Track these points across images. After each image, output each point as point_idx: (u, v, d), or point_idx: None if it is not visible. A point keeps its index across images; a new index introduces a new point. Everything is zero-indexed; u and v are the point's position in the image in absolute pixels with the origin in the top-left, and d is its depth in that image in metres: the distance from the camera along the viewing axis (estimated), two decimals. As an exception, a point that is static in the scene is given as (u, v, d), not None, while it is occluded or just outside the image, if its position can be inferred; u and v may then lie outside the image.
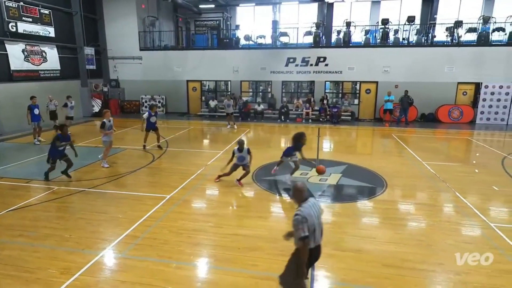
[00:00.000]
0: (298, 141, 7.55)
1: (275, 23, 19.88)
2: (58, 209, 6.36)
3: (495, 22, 16.70)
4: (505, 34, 16.27)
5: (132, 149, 10.83)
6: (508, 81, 15.67)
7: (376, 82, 17.31)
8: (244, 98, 18.57)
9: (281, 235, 5.23)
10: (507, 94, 15.72)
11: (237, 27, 20.55)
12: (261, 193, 7.26)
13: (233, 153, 7.59)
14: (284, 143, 13.43)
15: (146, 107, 19.74)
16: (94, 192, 7.17)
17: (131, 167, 8.88)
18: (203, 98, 19.73)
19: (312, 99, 17.66)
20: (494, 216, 6.16)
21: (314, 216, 3.16)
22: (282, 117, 17.19)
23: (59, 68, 16.56)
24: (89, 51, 18.29)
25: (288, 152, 7.76)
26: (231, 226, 5.65)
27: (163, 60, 19.35)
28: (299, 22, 21.84)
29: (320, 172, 7.15)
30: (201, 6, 22.85)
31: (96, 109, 18.49)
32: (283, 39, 18.76)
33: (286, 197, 7.04)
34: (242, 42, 19.38)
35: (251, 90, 19.87)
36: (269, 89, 18.99)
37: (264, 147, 11.80)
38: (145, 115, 10.47)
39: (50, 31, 15.77)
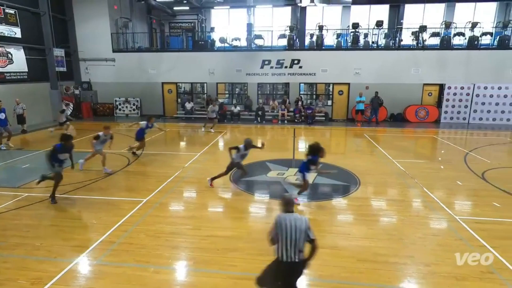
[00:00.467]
0: (316, 153, 6.54)
1: (249, 26, 19.93)
2: (28, 217, 6.04)
3: (455, 27, 17.63)
4: (465, 38, 17.21)
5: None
6: (468, 82, 16.56)
7: (348, 84, 17.76)
8: (220, 100, 18.49)
9: (260, 235, 5.29)
10: (467, 94, 16.61)
11: (212, 29, 20.45)
12: (238, 193, 7.24)
13: (237, 149, 7.18)
14: (261, 144, 13.47)
15: (120, 110, 19.22)
16: (66, 198, 6.87)
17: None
18: (179, 100, 19.44)
19: (287, 101, 17.86)
20: (459, 209, 6.49)
21: (288, 228, 3.19)
22: (259, 118, 17.27)
23: (27, 70, 15.76)
24: (59, 52, 17.54)
25: (305, 168, 6.56)
26: (209, 228, 5.60)
27: (137, 62, 18.89)
28: (273, 25, 22.05)
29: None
30: (175, 8, 22.53)
31: (68, 112, 17.72)
32: (258, 42, 18.86)
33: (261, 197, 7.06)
34: (218, 44, 19.30)
35: (227, 92, 19.82)
36: (245, 91, 19.02)
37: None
38: (143, 124, 10.09)
39: (16, 32, 14.99)
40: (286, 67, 17.91)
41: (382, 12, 21.86)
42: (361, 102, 16.49)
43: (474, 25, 17.02)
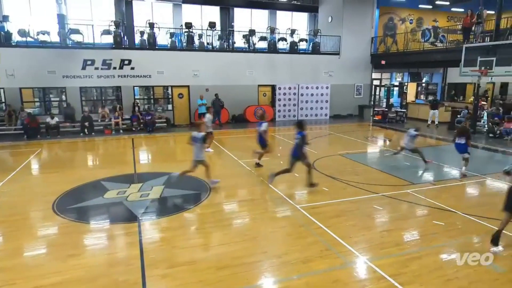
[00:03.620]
0: (467, 133, 9.05)
1: (61, 17, 17.61)
2: None
3: (279, 33, 20.86)
4: (287, 43, 20.60)
5: None
6: (294, 83, 19.91)
7: (188, 86, 18.24)
8: (28, 110, 15.54)
9: (104, 269, 4.76)
10: (294, 94, 19.95)
11: (6, 18, 16.90)
12: (67, 225, 6.29)
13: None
14: (93, 160, 12.21)
15: None
16: None
17: None
18: (-42, 113, 15.18)
19: (118, 107, 16.70)
20: (298, 199, 7.74)
21: None
22: (86, 130, 15.46)
23: None
24: None
25: (467, 148, 9.02)
26: (29, 279, 4.61)
27: None
28: (94, 18, 20.25)
29: None
30: None
31: None
32: (75, 38, 16.86)
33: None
34: (17, 38, 16.13)
35: (37, 99, 16.86)
36: (63, 97, 16.67)
37: (67, 169, 10.32)
38: (264, 126, 9.72)
39: None
40: (115, 68, 16.77)
41: (213, 13, 23.52)
42: (202, 105, 17.21)
43: (292, 31, 20.57)
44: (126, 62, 16.95)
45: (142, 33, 17.69)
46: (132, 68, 17.07)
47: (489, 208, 6.93)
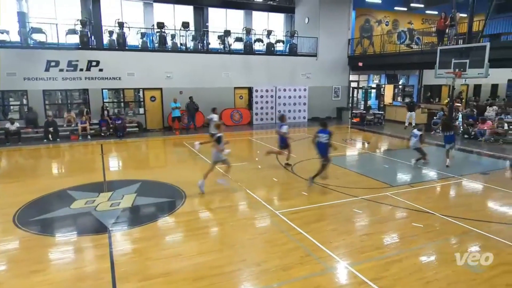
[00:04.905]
0: (453, 128, 10.58)
1: (22, 15, 16.97)
2: None
3: (255, 34, 20.98)
4: (263, 45, 20.74)
5: None
6: (271, 85, 20.05)
7: (160, 89, 17.98)
8: (-14, 115, 14.86)
9: (69, 286, 4.58)
10: (272, 96, 20.08)
11: (-41, 16, 16.17)
12: (30, 239, 6.02)
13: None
14: (58, 168, 11.81)
15: None
16: None
17: None
18: None
19: (85, 111, 16.22)
20: (277, 204, 7.76)
21: None
22: (50, 136, 14.90)
23: None
24: None
25: (454, 139, 10.53)
26: (-13, 298, 4.39)
27: None
28: (58, 17, 19.65)
29: None
30: None
31: None
32: (38, 37, 16.29)
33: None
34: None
35: (-5, 103, 16.16)
36: (24, 101, 16.02)
37: (29, 178, 9.91)
38: (284, 128, 10.29)
39: None
40: (81, 69, 16.31)
41: (187, 13, 23.38)
42: (176, 108, 17.01)
43: (269, 32, 20.76)
44: (94, 63, 16.51)
45: (111, 33, 17.31)
46: (101, 70, 16.65)
47: (466, 209, 7.24)
